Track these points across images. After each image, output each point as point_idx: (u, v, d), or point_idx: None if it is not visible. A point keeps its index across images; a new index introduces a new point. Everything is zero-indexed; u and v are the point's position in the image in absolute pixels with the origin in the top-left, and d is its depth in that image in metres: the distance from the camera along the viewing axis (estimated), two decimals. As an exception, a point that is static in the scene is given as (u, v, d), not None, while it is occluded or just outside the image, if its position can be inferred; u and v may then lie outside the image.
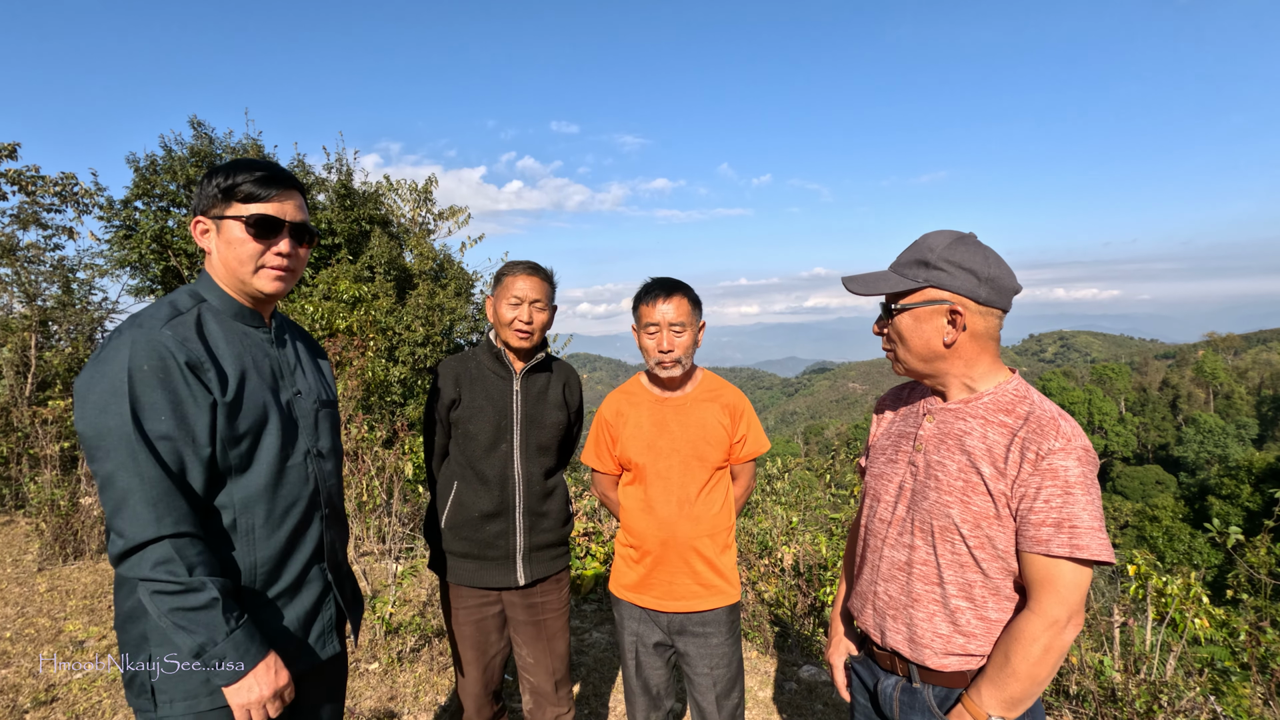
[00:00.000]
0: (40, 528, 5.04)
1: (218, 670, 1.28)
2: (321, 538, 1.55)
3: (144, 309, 1.38)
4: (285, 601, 1.47)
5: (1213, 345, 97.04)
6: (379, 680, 3.30)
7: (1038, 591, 1.29)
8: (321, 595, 1.55)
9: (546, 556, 2.28)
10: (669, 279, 2.13)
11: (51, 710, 2.97)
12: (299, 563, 1.49)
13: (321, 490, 1.55)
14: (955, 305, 1.37)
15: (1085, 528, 1.24)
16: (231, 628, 1.28)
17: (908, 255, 1.45)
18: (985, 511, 1.33)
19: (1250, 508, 38.49)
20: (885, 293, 1.46)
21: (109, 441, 1.23)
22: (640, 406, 2.19)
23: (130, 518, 1.22)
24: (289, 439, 1.48)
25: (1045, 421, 1.31)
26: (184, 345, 1.32)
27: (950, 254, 1.37)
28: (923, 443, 1.47)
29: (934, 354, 1.42)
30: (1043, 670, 1.27)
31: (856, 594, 1.61)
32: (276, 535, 1.44)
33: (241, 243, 1.43)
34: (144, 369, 1.26)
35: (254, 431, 1.41)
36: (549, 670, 2.30)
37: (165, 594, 1.23)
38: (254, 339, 1.49)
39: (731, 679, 2.13)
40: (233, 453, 1.37)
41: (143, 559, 1.23)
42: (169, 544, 1.23)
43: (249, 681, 1.30)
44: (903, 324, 1.44)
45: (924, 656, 1.42)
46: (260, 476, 1.41)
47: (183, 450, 1.29)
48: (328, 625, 1.56)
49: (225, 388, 1.36)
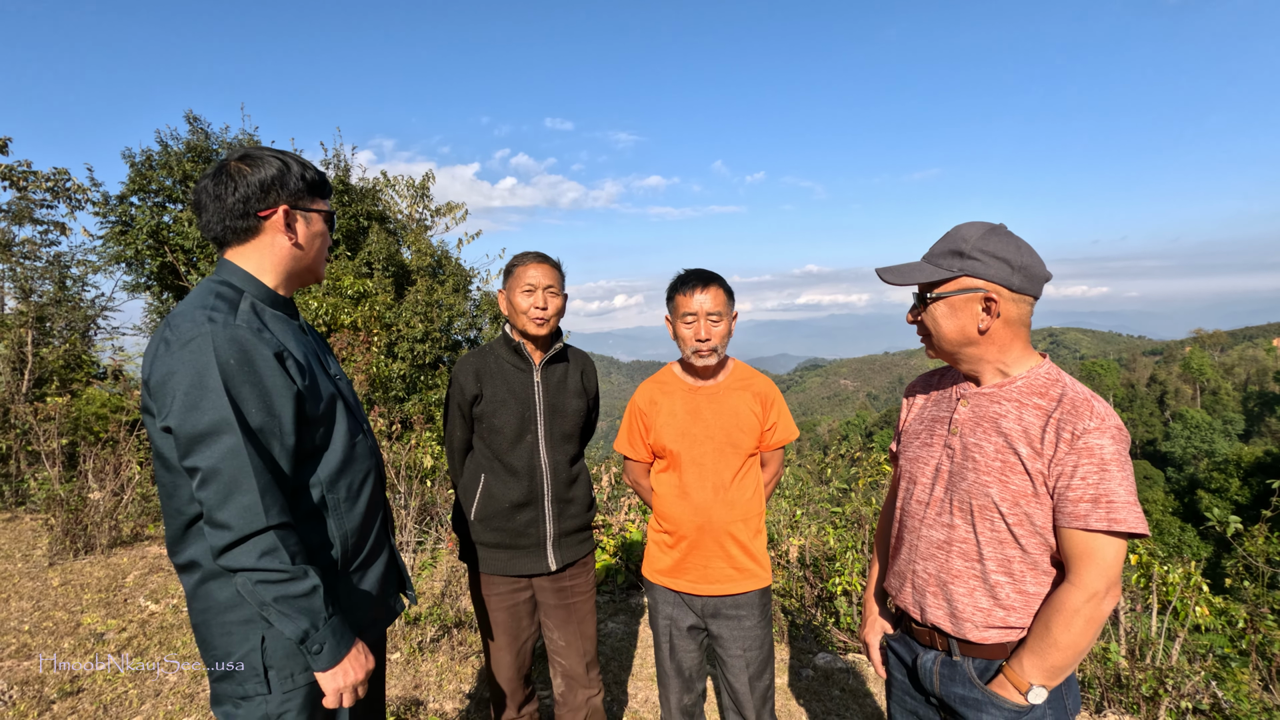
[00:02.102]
0: (50, 523, 5.03)
1: (318, 655, 1.31)
2: (384, 507, 1.66)
3: (189, 305, 1.35)
4: (370, 566, 1.55)
5: (1200, 342, 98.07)
6: (402, 669, 3.33)
7: (1077, 565, 1.34)
8: (390, 558, 1.65)
9: (574, 541, 2.34)
10: (704, 270, 2.17)
11: (79, 701, 2.99)
12: (374, 530, 1.58)
13: (378, 463, 1.64)
14: (990, 293, 1.43)
15: (1122, 502, 1.29)
16: (330, 613, 1.32)
17: (942, 246, 1.50)
18: (1024, 490, 1.39)
19: (1239, 501, 38.97)
20: (920, 282, 1.52)
21: (211, 436, 1.25)
22: (674, 395, 2.23)
23: (238, 509, 1.24)
24: (351, 417, 1.55)
25: (1079, 402, 1.37)
26: (261, 336, 1.34)
27: (984, 244, 1.43)
28: (958, 426, 1.53)
29: (969, 340, 1.48)
30: (1084, 640, 1.33)
31: (894, 573, 1.67)
32: (358, 506, 1.51)
33: (324, 235, 1.53)
34: (231, 363, 1.28)
35: (328, 413, 1.46)
36: (580, 652, 2.35)
37: (271, 583, 1.26)
38: (292, 327, 1.51)
39: (764, 661, 2.18)
40: (316, 434, 1.43)
41: (248, 550, 1.25)
42: (274, 534, 1.26)
43: (345, 666, 1.34)
44: (938, 312, 1.49)
45: (965, 630, 1.47)
46: (338, 454, 1.47)
47: (271, 442, 1.32)
48: (394, 586, 1.68)
49: (303, 374, 1.40)
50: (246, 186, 1.42)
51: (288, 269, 1.50)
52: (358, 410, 1.63)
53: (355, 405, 1.63)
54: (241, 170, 1.43)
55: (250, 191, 1.42)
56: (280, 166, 1.46)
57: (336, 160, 13.48)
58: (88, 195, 9.54)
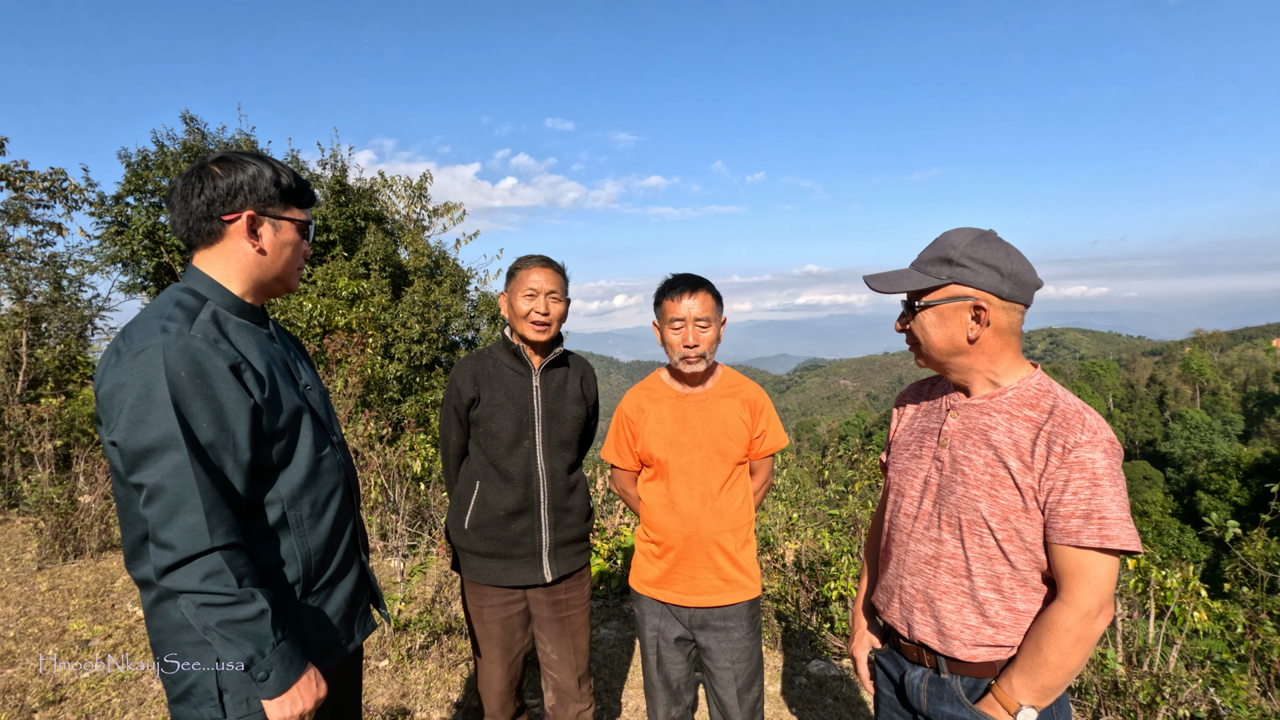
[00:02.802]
0: (39, 526, 4.99)
1: (264, 682, 1.26)
2: (354, 522, 1.61)
3: (147, 314, 1.32)
4: (335, 586, 1.51)
5: (1199, 342, 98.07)
6: (390, 678, 3.29)
7: (1069, 583, 1.30)
8: (360, 576, 1.61)
9: (571, 552, 2.29)
10: (692, 275, 2.14)
11: (60, 710, 2.95)
12: (342, 548, 1.53)
13: (348, 477, 1.59)
14: (979, 301, 1.39)
15: (1114, 518, 1.26)
16: (278, 639, 1.27)
17: (930, 253, 1.47)
18: (1013, 505, 1.35)
19: (1238, 502, 38.96)
20: (909, 290, 1.48)
21: (156, 452, 1.20)
22: (661, 402, 2.19)
23: (181, 529, 1.19)
24: (318, 430, 1.50)
25: (1070, 415, 1.33)
26: (216, 347, 1.29)
27: (973, 251, 1.40)
28: (947, 438, 1.49)
29: (958, 349, 1.44)
30: (1074, 660, 1.29)
31: (882, 588, 1.63)
32: (322, 524, 1.46)
33: (296, 245, 1.48)
34: (182, 375, 1.23)
35: (290, 427, 1.41)
36: (573, 666, 2.31)
37: (215, 606, 1.21)
38: (260, 336, 1.47)
39: (752, 673, 2.14)
40: (275, 449, 1.38)
41: (191, 571, 1.20)
42: (219, 555, 1.21)
43: (293, 694, 1.29)
44: (926, 321, 1.46)
45: (953, 648, 1.43)
46: (301, 469, 1.42)
47: (224, 458, 1.28)
48: (365, 604, 1.63)
49: (263, 387, 1.35)
50: (213, 189, 1.38)
51: (254, 277, 1.45)
52: (329, 422, 1.59)
53: (326, 417, 1.58)
54: (213, 172, 1.40)
55: (216, 194, 1.38)
56: (255, 171, 1.41)
57: (334, 160, 13.43)
58: (84, 195, 9.51)
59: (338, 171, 13.29)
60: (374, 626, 1.66)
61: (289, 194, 1.46)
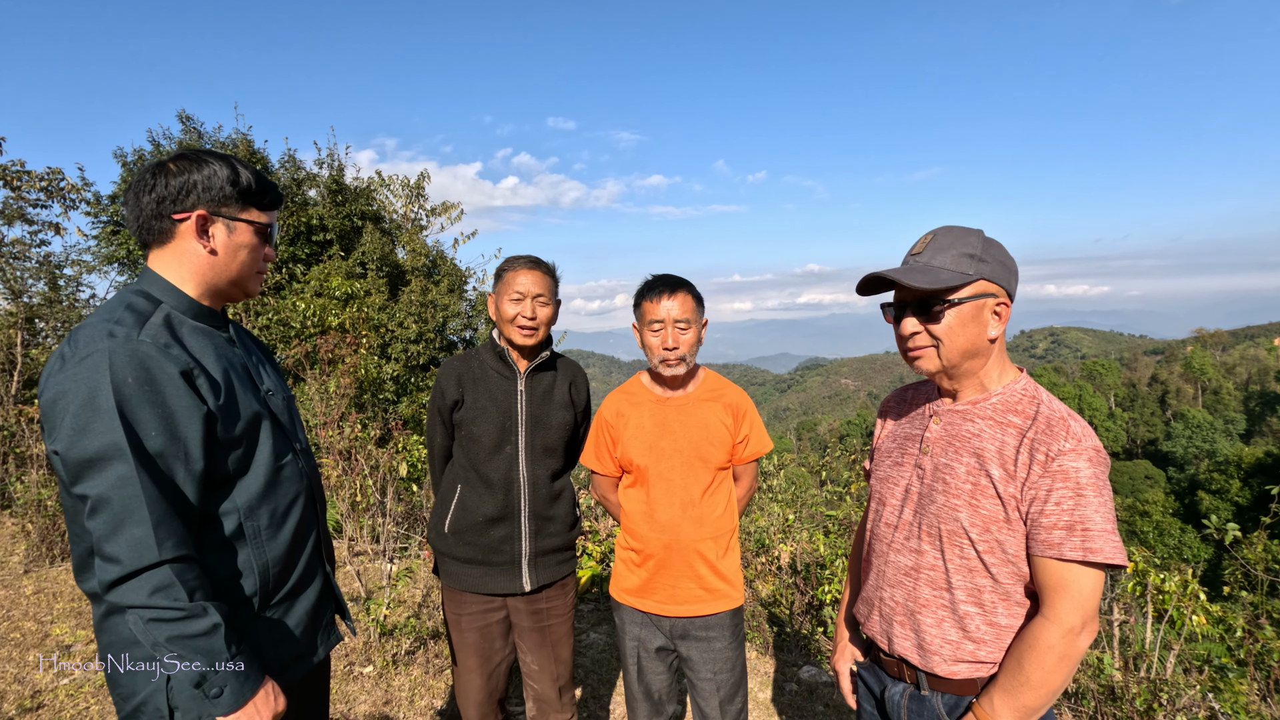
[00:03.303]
0: (26, 529, 4.95)
1: (218, 699, 1.21)
2: (318, 532, 1.56)
3: (95, 317, 1.26)
4: (296, 598, 1.47)
5: (1201, 341, 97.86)
6: (373, 684, 3.24)
7: (1051, 597, 1.25)
8: (324, 588, 1.57)
9: (553, 561, 2.23)
10: (672, 275, 2.08)
11: (38, 717, 2.90)
12: (304, 559, 1.49)
13: (311, 485, 1.55)
14: (1003, 299, 1.36)
15: (1098, 530, 1.20)
16: (233, 653, 1.22)
17: (952, 249, 1.35)
18: (995, 515, 1.30)
19: (1240, 502, 38.83)
20: (943, 286, 1.34)
21: (101, 462, 1.15)
22: (641, 407, 2.14)
23: (127, 542, 1.14)
24: (278, 438, 1.46)
25: (1055, 421, 1.28)
26: (167, 353, 1.24)
27: (989, 249, 1.36)
28: (929, 445, 1.44)
29: (977, 350, 1.36)
30: (1057, 679, 1.24)
31: (862, 600, 1.58)
32: (282, 534, 1.42)
33: (253, 248, 1.42)
34: (129, 382, 1.18)
35: (248, 434, 1.37)
36: (553, 677, 2.26)
37: (164, 621, 1.17)
38: (218, 340, 1.42)
39: (735, 684, 2.09)
40: (231, 458, 1.33)
41: (138, 586, 1.15)
42: (169, 569, 1.17)
43: (249, 710, 1.24)
44: (955, 319, 1.34)
45: (933, 664, 1.38)
46: (259, 478, 1.38)
47: (174, 467, 1.23)
48: (329, 617, 1.59)
49: (218, 394, 1.31)
50: (165, 187, 1.33)
51: (207, 279, 1.40)
52: (292, 428, 1.54)
53: (290, 423, 1.54)
54: (168, 169, 1.35)
55: (168, 192, 1.33)
56: (211, 170, 1.36)
57: (330, 160, 13.37)
58: (81, 195, 9.48)
59: (334, 171, 13.23)
60: (339, 639, 1.62)
61: (248, 194, 1.41)
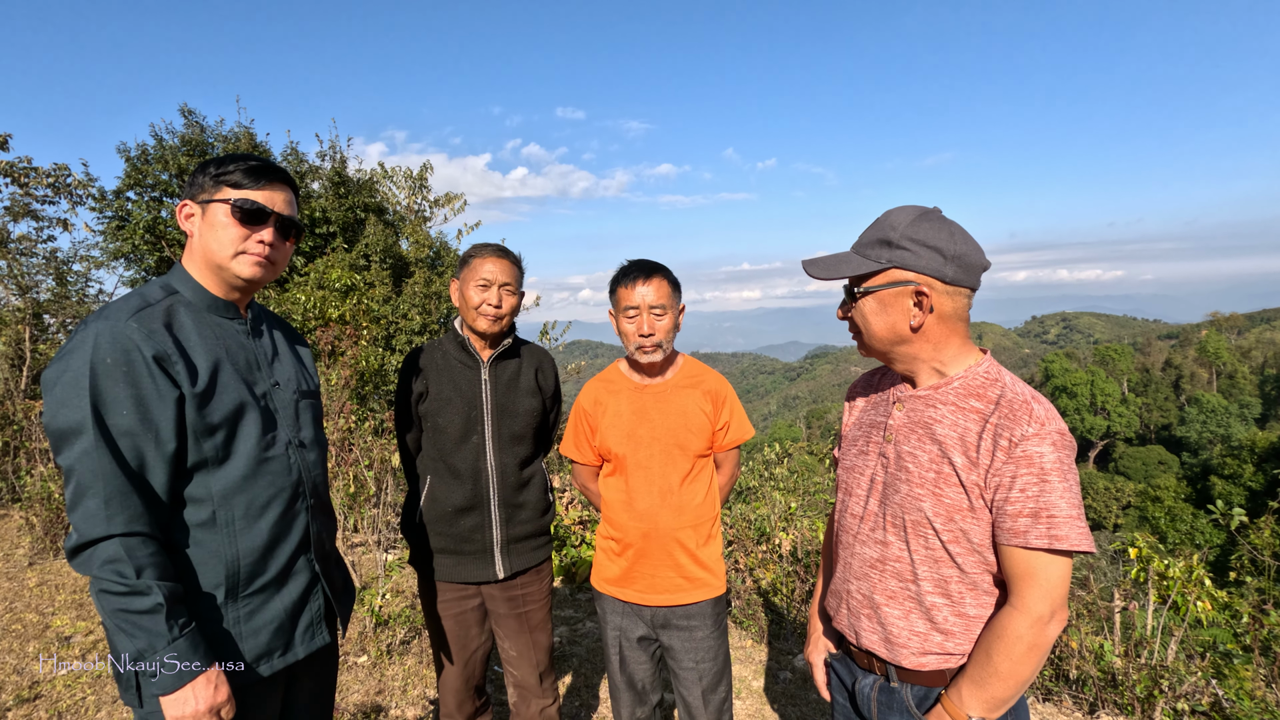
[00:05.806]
0: (31, 521, 5.00)
1: (153, 679, 1.24)
2: (308, 528, 1.54)
3: (113, 301, 1.37)
4: (272, 593, 1.46)
5: (1216, 325, 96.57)
6: (367, 674, 3.26)
7: (1018, 586, 1.22)
8: (309, 586, 1.54)
9: (526, 548, 2.22)
10: (647, 261, 2.05)
11: (35, 708, 2.93)
12: (285, 554, 1.48)
13: (306, 481, 1.54)
14: (921, 286, 1.29)
15: (1064, 517, 1.17)
16: (174, 636, 1.24)
17: (870, 234, 1.36)
18: (958, 504, 1.27)
19: (1253, 487, 38.46)
20: (847, 276, 1.37)
21: (70, 435, 1.23)
22: (619, 395, 2.12)
23: (83, 514, 1.22)
24: (268, 430, 1.47)
25: (1018, 405, 1.24)
26: (150, 337, 1.30)
27: (913, 231, 1.29)
28: (893, 432, 1.40)
29: (900, 338, 1.34)
30: (1026, 669, 1.21)
31: (831, 592, 1.55)
32: (258, 526, 1.42)
33: (225, 226, 1.43)
34: (107, 362, 1.25)
35: (229, 423, 1.39)
36: (533, 663, 2.25)
37: (110, 594, 1.22)
38: (228, 330, 1.47)
39: (718, 673, 2.07)
40: (207, 444, 1.36)
41: (92, 556, 1.22)
42: (118, 543, 1.22)
43: (185, 694, 1.26)
44: (867, 308, 1.36)
45: (900, 656, 1.36)
46: (239, 468, 1.40)
47: (144, 446, 1.28)
48: (316, 616, 1.56)
49: (195, 380, 1.34)
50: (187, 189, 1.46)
51: (205, 266, 1.46)
52: (296, 423, 1.55)
53: (295, 418, 1.55)
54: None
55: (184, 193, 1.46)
56: (201, 166, 1.46)
57: (332, 152, 13.36)
58: (87, 190, 9.52)
59: (337, 163, 13.23)
60: (325, 641, 1.59)
61: (219, 177, 1.45)
